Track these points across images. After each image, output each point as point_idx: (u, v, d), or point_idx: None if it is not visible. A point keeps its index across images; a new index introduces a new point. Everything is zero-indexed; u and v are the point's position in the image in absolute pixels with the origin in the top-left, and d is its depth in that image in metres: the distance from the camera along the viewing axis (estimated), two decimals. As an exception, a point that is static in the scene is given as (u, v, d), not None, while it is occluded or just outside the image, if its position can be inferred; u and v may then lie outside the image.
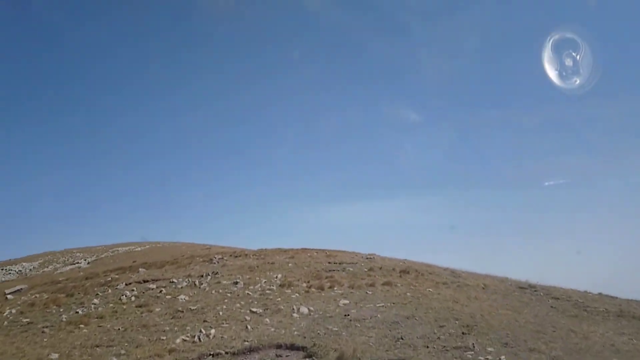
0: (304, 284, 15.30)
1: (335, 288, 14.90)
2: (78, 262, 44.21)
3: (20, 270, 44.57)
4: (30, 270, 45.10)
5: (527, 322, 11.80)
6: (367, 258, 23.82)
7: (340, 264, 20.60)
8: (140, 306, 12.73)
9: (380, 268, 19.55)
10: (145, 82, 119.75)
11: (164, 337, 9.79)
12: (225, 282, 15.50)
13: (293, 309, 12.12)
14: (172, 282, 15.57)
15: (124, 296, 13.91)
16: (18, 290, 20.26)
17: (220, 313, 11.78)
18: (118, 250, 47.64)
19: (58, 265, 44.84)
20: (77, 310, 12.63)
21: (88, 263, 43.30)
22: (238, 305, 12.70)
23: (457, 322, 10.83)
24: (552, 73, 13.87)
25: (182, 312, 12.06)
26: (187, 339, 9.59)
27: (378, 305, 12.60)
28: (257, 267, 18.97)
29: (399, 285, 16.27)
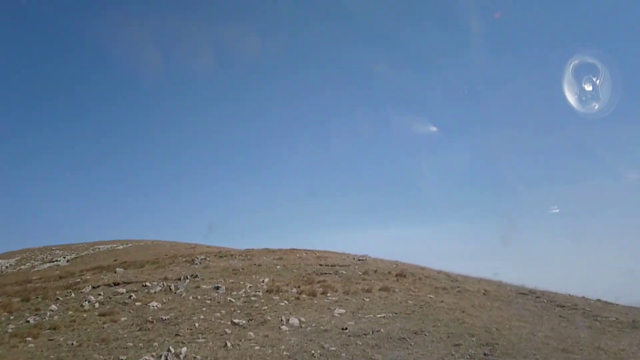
0: (294, 290, 13.42)
1: (328, 294, 13.06)
2: (57, 260, 41.63)
3: (-4, 268, 41.89)
4: (7, 267, 42.44)
5: (546, 337, 10.13)
6: (359, 260, 22.05)
7: (332, 266, 18.77)
8: (103, 314, 10.69)
9: (375, 271, 17.77)
10: (138, 85, 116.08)
11: (124, 357, 7.81)
12: (205, 286, 13.51)
13: (282, 320, 10.23)
14: (145, 285, 13.52)
15: (87, 302, 11.83)
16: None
17: (197, 325, 9.83)
18: (99, 248, 45.17)
19: (36, 263, 42.21)
20: (29, 319, 10.53)
21: (67, 261, 40.77)
22: (218, 314, 10.76)
23: (473, 338, 9.06)
24: (571, 97, 13.26)
25: (152, 322, 10.07)
26: (152, 359, 7.64)
27: (378, 315, 10.79)
28: (242, 269, 17.03)
29: (397, 290, 14.53)
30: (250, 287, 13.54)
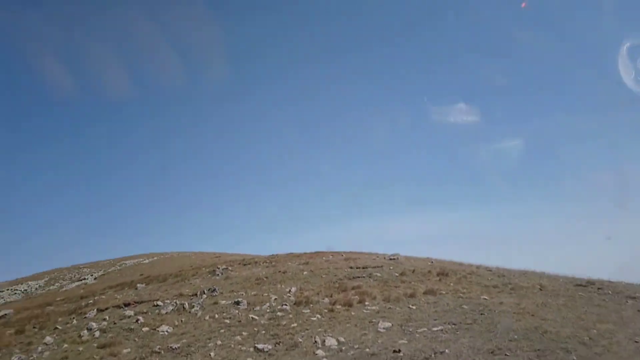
0: (326, 299, 11.17)
1: (366, 303, 10.77)
2: (85, 279, 40.45)
3: (26, 290, 40.87)
4: (36, 289, 41.46)
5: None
6: (390, 259, 19.64)
7: (364, 268, 16.45)
8: (103, 346, 8.65)
9: (413, 271, 15.36)
10: (149, 96, 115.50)
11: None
12: (224, 301, 11.38)
13: (316, 341, 7.99)
14: (157, 305, 11.48)
15: (88, 330, 9.84)
16: (2, 316, 16.21)
17: (212, 354, 7.68)
18: (125, 263, 43.90)
19: (64, 283, 41.10)
20: (15, 358, 8.54)
21: (95, 279, 39.54)
22: (238, 337, 8.60)
23: (572, 357, 6.64)
24: (628, 79, 12.21)
25: (159, 353, 7.98)
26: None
27: (434, 328, 8.44)
28: (266, 278, 14.86)
29: (444, 293, 12.16)
30: (275, 299, 11.35)
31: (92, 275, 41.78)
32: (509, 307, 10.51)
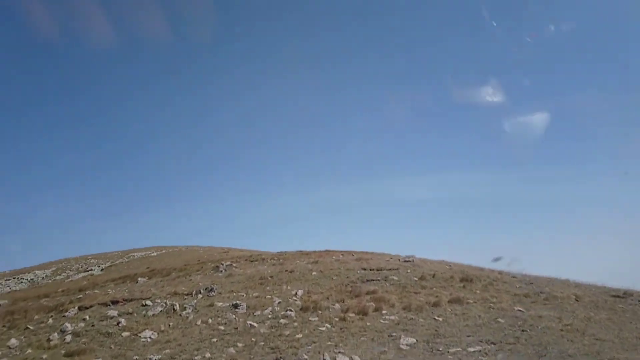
0: (337, 305, 9.52)
1: (384, 311, 9.10)
2: (91, 270, 39.45)
3: (32, 279, 40.00)
4: (43, 278, 40.56)
5: None
6: (405, 261, 17.90)
7: (378, 270, 14.74)
8: (71, 355, 7.11)
9: (434, 276, 13.60)
10: (150, 89, 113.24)
11: None
12: (221, 303, 9.78)
13: (324, 359, 6.36)
14: (145, 305, 9.94)
15: (60, 332, 8.33)
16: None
17: (197, 371, 6.08)
18: (134, 255, 42.82)
19: (71, 273, 40.16)
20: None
21: (101, 270, 38.51)
22: (232, 350, 7.00)
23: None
24: None
25: (135, 367, 6.40)
26: None
27: (470, 349, 6.74)
28: (271, 277, 13.25)
29: (472, 302, 10.45)
30: (279, 303, 9.73)
31: (99, 267, 40.77)
32: (550, 321, 8.78)
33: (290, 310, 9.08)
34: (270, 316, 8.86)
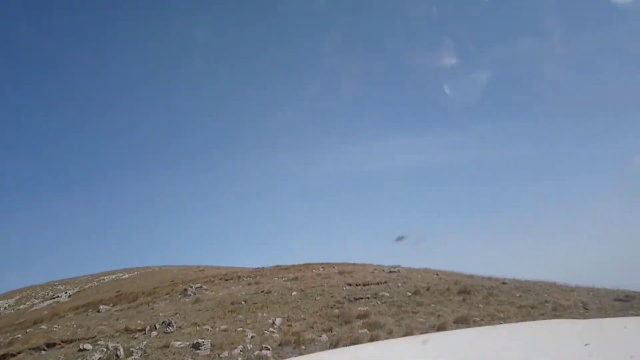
0: (324, 336, 7.60)
1: (381, 340, 7.22)
2: (58, 297, 36.00)
3: (-6, 310, 36.27)
4: (5, 308, 36.77)
5: None
6: (391, 271, 16.18)
7: (365, 285, 12.94)
8: None
9: (428, 289, 11.86)
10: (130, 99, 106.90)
11: None
12: (178, 343, 7.65)
13: None
14: (83, 349, 7.73)
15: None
16: None
17: None
18: (104, 279, 39.52)
19: (36, 301, 36.56)
20: None
21: (69, 296, 35.15)
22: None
23: None
24: None
25: None
26: None
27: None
28: (245, 301, 11.18)
29: (479, 319, 8.82)
30: (252, 338, 7.70)
31: (66, 293, 37.30)
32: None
33: (267, 349, 7.07)
34: (240, 358, 6.82)
